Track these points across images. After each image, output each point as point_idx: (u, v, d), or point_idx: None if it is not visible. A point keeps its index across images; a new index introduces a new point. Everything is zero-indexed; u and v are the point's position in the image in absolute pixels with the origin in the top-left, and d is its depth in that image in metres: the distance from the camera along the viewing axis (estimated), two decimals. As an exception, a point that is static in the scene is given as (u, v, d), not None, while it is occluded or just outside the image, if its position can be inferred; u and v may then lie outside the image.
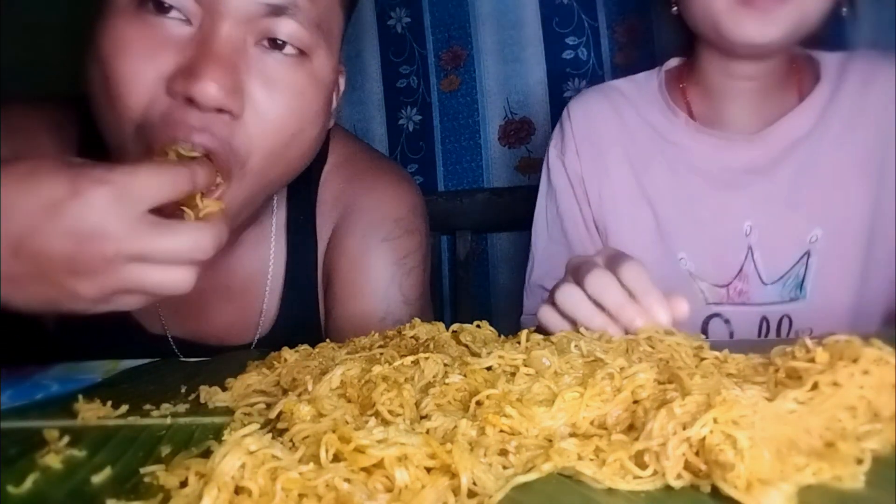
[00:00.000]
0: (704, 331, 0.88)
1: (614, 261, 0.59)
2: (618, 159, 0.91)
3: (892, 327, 0.85)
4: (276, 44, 0.60)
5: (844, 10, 0.81)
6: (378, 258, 0.80)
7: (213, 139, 0.57)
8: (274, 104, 0.60)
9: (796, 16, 0.76)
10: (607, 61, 1.29)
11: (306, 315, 0.81)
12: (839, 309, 0.85)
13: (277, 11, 0.59)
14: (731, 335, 0.87)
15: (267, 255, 0.79)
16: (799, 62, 0.89)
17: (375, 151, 0.93)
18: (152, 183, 0.48)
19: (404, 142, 1.38)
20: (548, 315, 0.60)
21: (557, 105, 1.29)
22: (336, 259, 0.81)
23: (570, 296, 0.58)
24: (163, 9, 0.58)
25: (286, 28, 0.60)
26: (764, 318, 0.86)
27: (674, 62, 0.94)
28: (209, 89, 0.55)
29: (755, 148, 0.87)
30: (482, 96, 1.34)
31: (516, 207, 1.24)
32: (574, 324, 0.58)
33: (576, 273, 0.60)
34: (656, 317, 0.55)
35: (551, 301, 0.61)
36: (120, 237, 0.46)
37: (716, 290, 0.87)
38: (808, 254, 0.85)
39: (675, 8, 0.84)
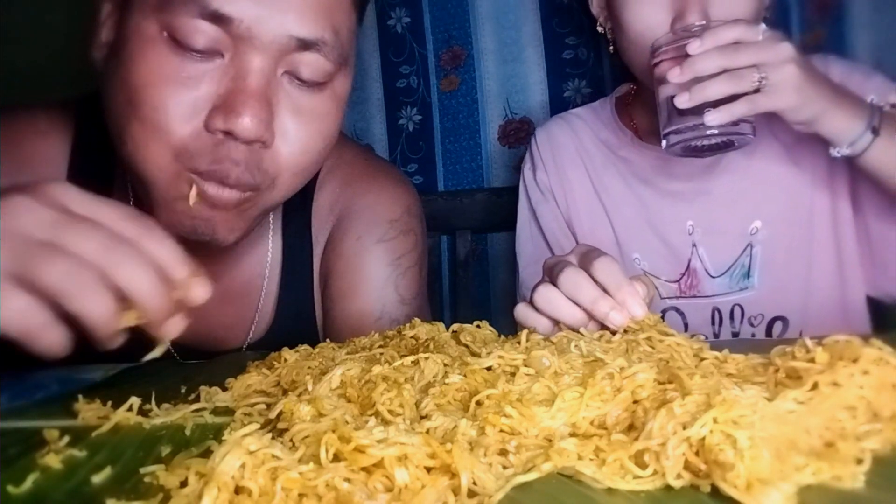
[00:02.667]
0: None
1: (587, 258, 0.61)
2: (578, 174, 1.01)
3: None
4: (301, 75, 0.63)
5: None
6: (373, 259, 0.81)
7: (248, 168, 0.61)
8: (301, 131, 0.64)
9: None
10: (607, 61, 1.29)
11: (301, 316, 0.82)
12: (788, 294, 0.91)
13: (306, 46, 0.61)
14: (686, 327, 0.94)
15: (264, 258, 0.80)
16: None
17: (371, 154, 0.94)
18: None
19: (404, 142, 1.38)
20: (523, 312, 0.62)
21: (557, 105, 1.29)
22: (333, 261, 0.82)
23: (546, 296, 0.60)
24: (196, 49, 0.59)
25: (311, 61, 0.62)
26: (715, 309, 0.94)
27: (623, 88, 1.04)
28: (247, 124, 0.58)
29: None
30: (482, 96, 1.34)
31: (516, 207, 1.24)
32: (552, 321, 0.60)
33: (551, 273, 0.62)
34: (630, 309, 0.56)
35: (529, 300, 0.62)
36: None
37: (668, 285, 0.95)
38: (750, 245, 0.92)
39: (611, 47, 0.93)
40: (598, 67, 1.29)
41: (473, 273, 1.32)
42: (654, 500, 0.34)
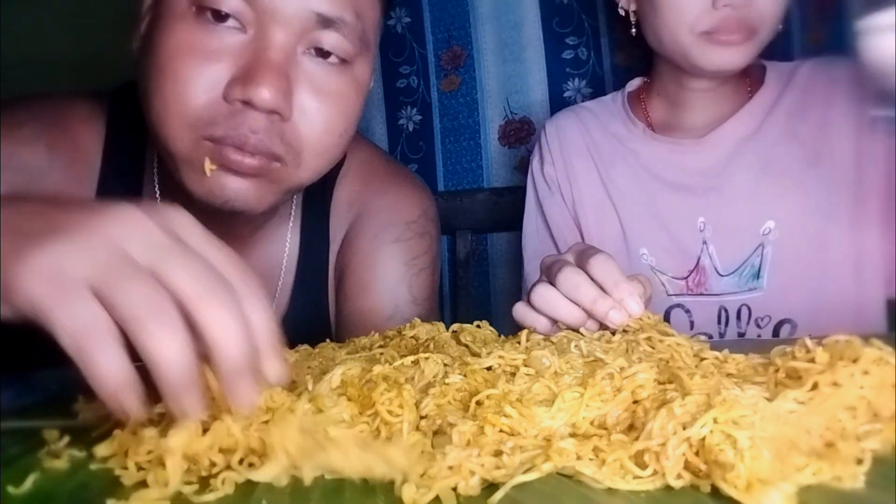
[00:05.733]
0: (666, 320, 0.93)
1: (584, 256, 0.61)
2: (585, 166, 1.00)
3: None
4: (321, 52, 0.65)
5: (780, 26, 0.87)
6: (388, 258, 0.83)
7: (267, 137, 0.62)
8: (321, 109, 0.65)
9: (757, 45, 0.83)
10: (607, 61, 1.29)
11: (314, 311, 0.83)
12: (797, 297, 0.89)
13: (326, 24, 0.63)
14: (692, 325, 0.93)
15: (282, 250, 0.82)
16: (751, 68, 0.94)
17: (390, 156, 0.96)
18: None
19: (404, 142, 1.38)
20: (522, 311, 0.62)
21: (557, 105, 1.29)
22: (348, 258, 0.83)
23: (545, 296, 0.60)
24: (220, 17, 0.61)
25: (332, 40, 0.64)
26: (722, 308, 0.92)
27: (636, 82, 1.03)
28: (264, 93, 0.60)
29: (703, 151, 0.93)
30: (482, 96, 1.34)
31: (516, 207, 1.24)
32: (550, 320, 0.60)
33: (549, 273, 0.62)
34: (628, 307, 0.57)
35: (527, 299, 0.62)
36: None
37: (676, 282, 0.94)
38: (762, 245, 0.90)
39: (633, 30, 0.91)
40: (598, 67, 1.29)
41: (473, 273, 1.32)
42: (654, 500, 0.34)
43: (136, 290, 0.35)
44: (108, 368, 0.34)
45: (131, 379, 0.35)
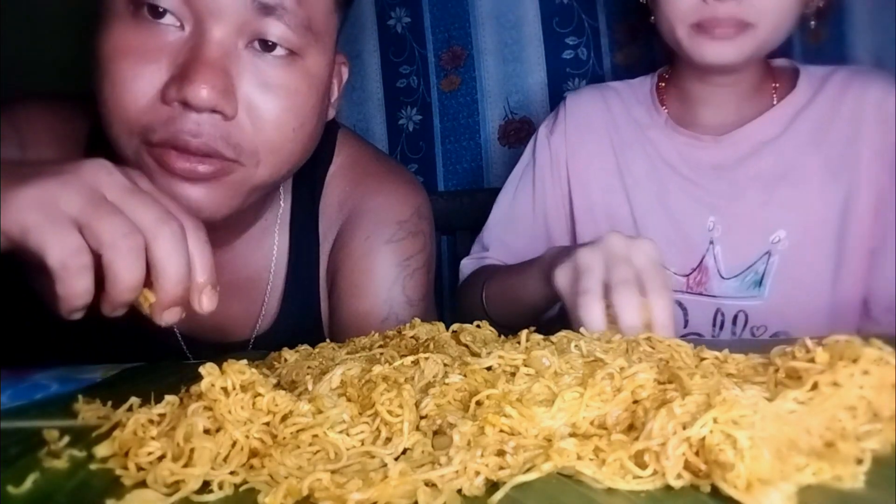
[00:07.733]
0: None
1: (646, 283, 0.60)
2: (601, 148, 0.99)
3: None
4: (266, 45, 0.62)
5: (812, 23, 0.86)
6: (381, 259, 0.81)
7: (211, 139, 0.60)
8: (269, 104, 0.63)
9: (756, 40, 0.82)
10: (607, 61, 1.29)
11: (306, 313, 0.82)
12: (797, 311, 0.87)
13: (266, 11, 0.61)
14: (686, 323, 0.92)
15: (270, 252, 0.81)
16: (777, 71, 0.93)
17: (382, 154, 0.94)
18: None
19: (404, 142, 1.38)
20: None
21: (557, 105, 1.29)
22: (341, 260, 0.82)
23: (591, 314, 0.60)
24: (157, 14, 0.59)
25: (275, 29, 0.62)
26: (719, 311, 0.91)
27: (666, 68, 1.01)
28: (201, 91, 0.58)
29: (721, 148, 0.92)
30: (482, 96, 1.34)
31: (516, 208, 1.24)
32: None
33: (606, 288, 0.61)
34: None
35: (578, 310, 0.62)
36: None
37: (677, 278, 0.93)
38: (769, 254, 0.89)
39: (651, 17, 0.90)
40: (598, 67, 1.29)
41: (473, 273, 1.32)
42: (654, 500, 0.34)
43: (109, 223, 0.46)
44: (83, 289, 0.46)
45: (90, 295, 0.47)
